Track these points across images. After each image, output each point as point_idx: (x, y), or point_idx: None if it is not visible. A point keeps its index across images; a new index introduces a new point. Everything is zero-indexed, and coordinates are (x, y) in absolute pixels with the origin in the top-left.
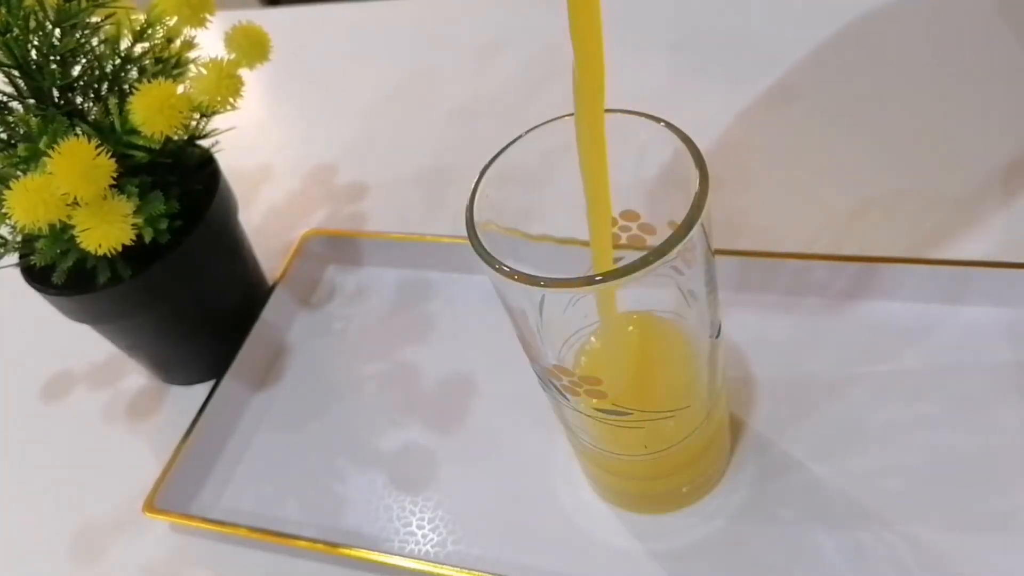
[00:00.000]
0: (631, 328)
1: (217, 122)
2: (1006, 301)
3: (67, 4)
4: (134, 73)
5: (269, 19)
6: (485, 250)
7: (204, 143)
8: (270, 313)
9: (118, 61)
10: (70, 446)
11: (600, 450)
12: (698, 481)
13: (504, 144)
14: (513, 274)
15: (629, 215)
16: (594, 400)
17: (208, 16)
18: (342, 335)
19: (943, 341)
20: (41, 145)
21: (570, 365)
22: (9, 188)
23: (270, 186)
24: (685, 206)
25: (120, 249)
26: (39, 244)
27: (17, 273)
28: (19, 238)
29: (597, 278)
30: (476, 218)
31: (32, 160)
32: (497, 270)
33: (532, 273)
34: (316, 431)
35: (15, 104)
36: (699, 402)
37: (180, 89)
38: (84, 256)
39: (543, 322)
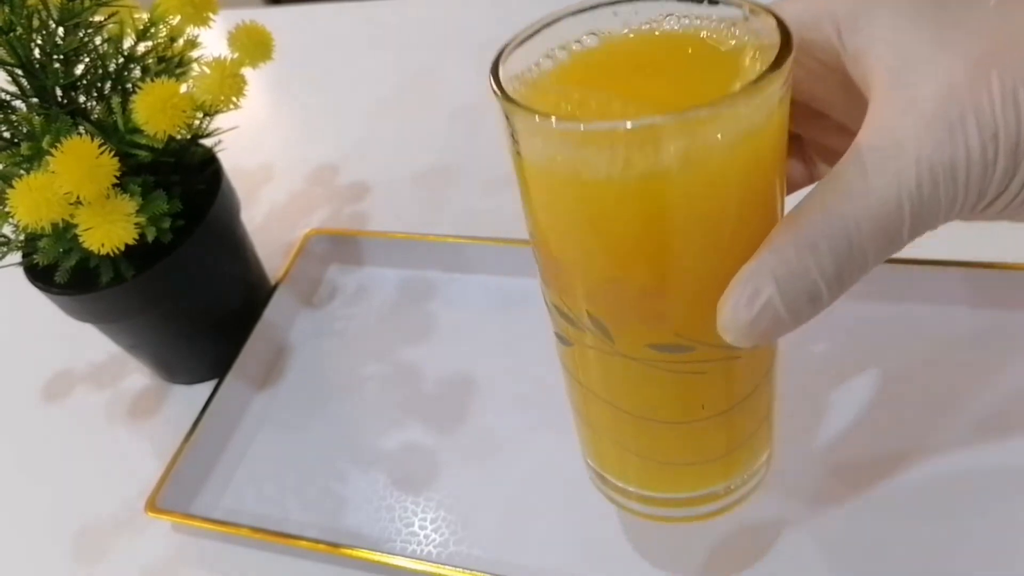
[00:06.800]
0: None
1: (220, 121)
2: (1005, 301)
3: (70, 3)
4: (137, 72)
5: (272, 18)
6: (513, 100)
7: (207, 142)
8: (272, 313)
9: (121, 60)
10: (72, 445)
11: (636, 418)
12: (743, 475)
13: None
14: (550, 119)
15: None
16: (648, 330)
17: (211, 15)
18: (344, 335)
19: (944, 341)
20: (44, 144)
21: (615, 278)
22: (12, 187)
23: (272, 185)
24: None
25: (123, 248)
26: (42, 243)
27: (20, 272)
28: (22, 237)
29: (657, 119)
30: (502, 75)
31: (35, 159)
32: (533, 116)
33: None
34: (318, 431)
35: (18, 103)
36: None
37: (183, 88)
38: (87, 255)
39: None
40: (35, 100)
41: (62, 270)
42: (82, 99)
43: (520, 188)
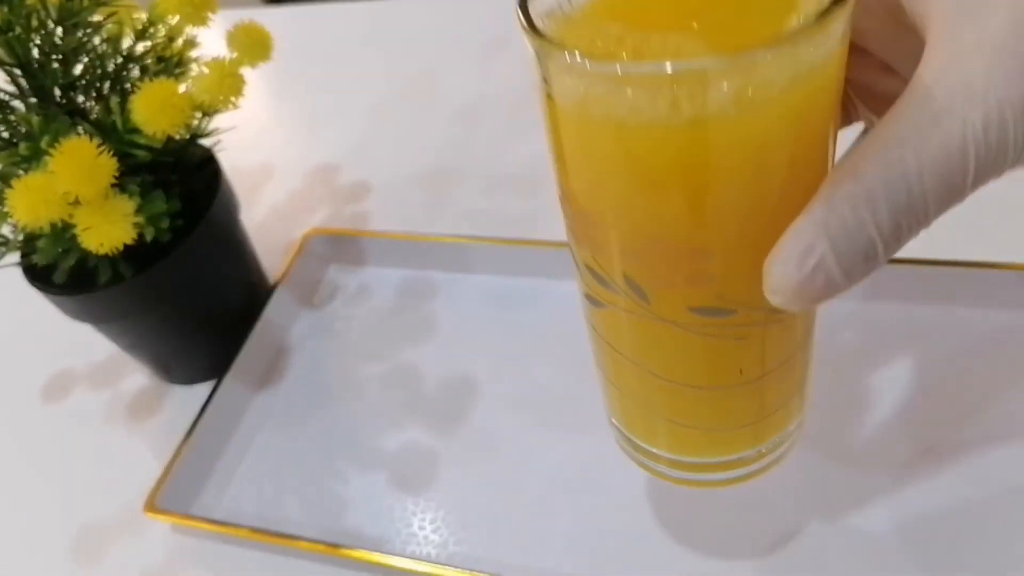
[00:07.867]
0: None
1: (219, 121)
2: (1005, 301)
3: (69, 3)
4: (136, 72)
5: (271, 18)
6: (544, 36)
7: (205, 142)
8: (272, 313)
9: (120, 60)
10: (71, 446)
11: (669, 383)
12: (775, 439)
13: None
14: (586, 59)
15: None
16: (688, 293)
17: (210, 15)
18: (343, 335)
19: (944, 341)
20: (43, 144)
21: (655, 235)
22: (11, 187)
23: (272, 185)
24: None
25: (121, 248)
26: (40, 243)
27: (18, 272)
28: (20, 237)
29: (709, 61)
30: (532, 10)
31: (34, 159)
32: (565, 55)
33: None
34: (317, 431)
35: (17, 103)
36: None
37: (182, 88)
38: (85, 255)
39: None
40: (34, 100)
41: (60, 270)
42: (81, 99)
43: (550, 136)
